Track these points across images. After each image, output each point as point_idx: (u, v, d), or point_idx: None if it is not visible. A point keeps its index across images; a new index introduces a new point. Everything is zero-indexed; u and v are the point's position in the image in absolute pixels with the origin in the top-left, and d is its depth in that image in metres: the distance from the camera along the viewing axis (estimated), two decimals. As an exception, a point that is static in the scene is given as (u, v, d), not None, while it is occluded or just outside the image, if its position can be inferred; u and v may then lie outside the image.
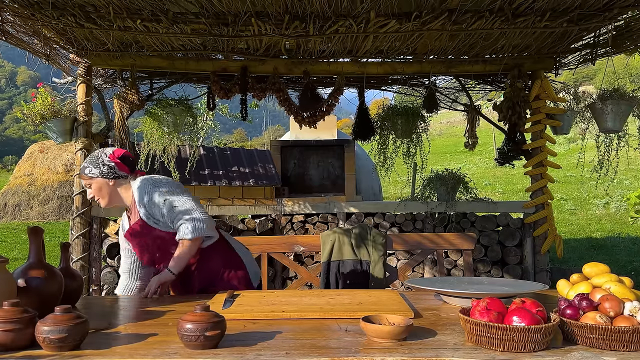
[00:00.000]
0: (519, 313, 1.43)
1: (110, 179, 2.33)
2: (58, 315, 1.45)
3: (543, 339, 1.40)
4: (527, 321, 1.40)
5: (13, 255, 8.57)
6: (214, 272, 2.42)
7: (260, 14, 3.48)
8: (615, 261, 7.60)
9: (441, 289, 1.98)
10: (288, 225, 5.13)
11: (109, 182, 2.34)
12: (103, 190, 2.35)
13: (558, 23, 3.55)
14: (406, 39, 3.90)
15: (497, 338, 1.41)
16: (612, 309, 1.46)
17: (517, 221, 4.97)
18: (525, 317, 1.41)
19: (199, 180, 6.35)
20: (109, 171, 2.33)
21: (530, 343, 1.39)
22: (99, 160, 2.34)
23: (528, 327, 1.38)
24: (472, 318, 1.47)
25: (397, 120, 4.61)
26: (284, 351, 1.42)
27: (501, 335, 1.40)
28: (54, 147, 13.89)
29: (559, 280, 1.85)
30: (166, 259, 2.35)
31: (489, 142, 20.93)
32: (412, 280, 2.17)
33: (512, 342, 1.39)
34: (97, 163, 2.33)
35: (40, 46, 3.81)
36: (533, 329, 1.38)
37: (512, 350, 1.40)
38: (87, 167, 2.34)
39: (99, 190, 2.35)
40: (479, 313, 1.48)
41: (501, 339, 1.40)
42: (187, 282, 2.42)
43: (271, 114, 37.44)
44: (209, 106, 4.74)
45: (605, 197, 12.56)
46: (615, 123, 4.32)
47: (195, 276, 2.42)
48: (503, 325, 1.40)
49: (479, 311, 1.48)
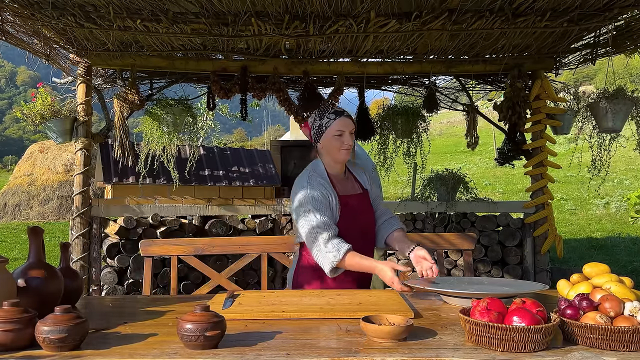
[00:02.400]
0: (519, 313, 1.43)
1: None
2: (58, 315, 1.44)
3: (543, 339, 1.40)
4: (527, 321, 1.40)
5: (13, 255, 8.58)
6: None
7: (260, 13, 3.48)
8: (615, 261, 7.60)
9: (441, 289, 1.98)
10: (288, 225, 5.13)
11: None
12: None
13: (558, 23, 3.55)
14: (406, 38, 3.90)
15: (497, 338, 1.40)
16: (612, 309, 1.46)
17: (517, 221, 4.97)
18: (525, 317, 1.41)
19: (199, 180, 6.36)
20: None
21: (530, 343, 1.39)
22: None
23: (528, 327, 1.38)
24: (472, 318, 1.47)
25: (397, 120, 4.61)
26: (284, 351, 1.42)
27: (501, 335, 1.40)
28: (54, 147, 13.90)
29: (559, 280, 1.85)
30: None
31: (489, 142, 20.93)
32: (412, 281, 2.17)
33: (512, 342, 1.39)
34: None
35: (40, 46, 3.81)
36: (533, 329, 1.38)
37: (512, 350, 1.40)
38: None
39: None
40: (479, 313, 1.47)
41: (501, 339, 1.40)
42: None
43: (271, 114, 37.46)
44: (209, 106, 4.74)
45: (606, 197, 12.56)
46: (616, 123, 4.32)
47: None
48: (503, 326, 1.40)
49: (479, 311, 1.48)
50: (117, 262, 4.63)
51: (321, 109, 2.38)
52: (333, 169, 2.40)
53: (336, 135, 2.31)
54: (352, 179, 2.49)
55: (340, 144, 2.31)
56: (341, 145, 2.31)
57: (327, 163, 2.40)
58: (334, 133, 2.31)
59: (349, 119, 2.35)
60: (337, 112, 2.34)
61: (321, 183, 2.32)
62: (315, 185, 2.30)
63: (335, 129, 2.30)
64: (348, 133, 2.32)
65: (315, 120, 2.36)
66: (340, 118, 2.32)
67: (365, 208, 2.44)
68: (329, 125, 2.32)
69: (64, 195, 13.07)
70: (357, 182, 2.49)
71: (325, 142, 2.34)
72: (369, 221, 2.45)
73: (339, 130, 2.30)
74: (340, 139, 2.31)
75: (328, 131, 2.32)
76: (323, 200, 2.27)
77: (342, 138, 2.31)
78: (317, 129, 2.35)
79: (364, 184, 2.51)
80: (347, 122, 2.33)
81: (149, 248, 2.70)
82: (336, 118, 2.32)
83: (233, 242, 2.88)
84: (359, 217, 2.39)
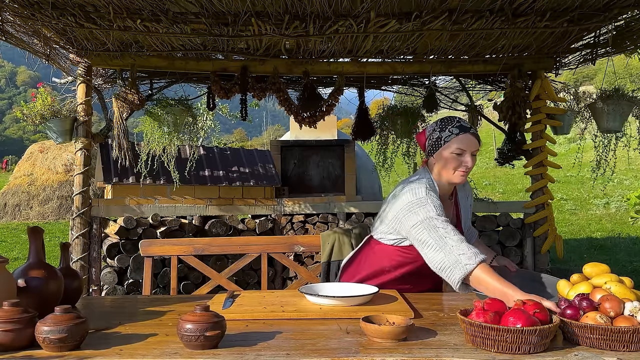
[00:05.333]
0: (515, 314, 1.42)
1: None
2: (58, 315, 1.44)
3: (539, 341, 1.39)
4: (523, 322, 1.39)
5: (13, 255, 8.58)
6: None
7: (260, 14, 3.48)
8: (615, 261, 7.59)
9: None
10: (288, 226, 5.13)
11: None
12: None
13: (558, 23, 3.55)
14: (406, 39, 3.90)
15: (490, 339, 1.40)
16: (612, 309, 1.46)
17: (517, 221, 4.97)
18: (520, 318, 1.40)
19: (199, 180, 6.35)
20: None
21: (524, 345, 1.38)
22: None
23: (522, 328, 1.37)
24: (469, 318, 1.47)
25: (397, 120, 4.61)
26: (284, 351, 1.42)
27: (494, 336, 1.39)
28: (54, 147, 13.89)
29: (559, 281, 1.85)
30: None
31: (489, 142, 20.93)
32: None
33: (505, 343, 1.38)
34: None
35: (40, 46, 3.80)
36: (527, 330, 1.37)
37: (507, 351, 1.39)
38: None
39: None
40: (475, 314, 1.47)
41: (494, 340, 1.39)
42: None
43: (271, 114, 37.45)
44: (209, 106, 4.74)
45: (605, 197, 12.55)
46: (616, 123, 4.31)
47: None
48: (495, 326, 1.39)
49: (476, 312, 1.48)
50: (117, 262, 4.62)
51: (443, 121, 2.09)
52: (441, 188, 2.11)
53: (455, 153, 2.02)
54: (453, 202, 2.21)
55: (457, 165, 2.03)
56: (458, 165, 2.03)
57: (436, 180, 2.11)
58: (454, 150, 2.02)
59: (474, 138, 2.04)
60: (462, 128, 2.03)
61: (435, 197, 2.01)
62: (433, 198, 1.99)
63: (456, 146, 2.01)
64: (469, 154, 2.02)
65: (435, 131, 2.08)
66: (465, 135, 2.02)
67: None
68: (448, 140, 2.02)
69: (64, 195, 13.06)
70: (456, 207, 2.20)
71: (440, 158, 2.06)
72: None
73: (459, 149, 2.01)
74: (459, 159, 2.02)
75: (446, 146, 2.03)
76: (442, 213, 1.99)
77: (461, 158, 2.02)
78: (434, 140, 2.07)
79: (461, 210, 2.22)
80: (471, 141, 2.02)
81: (149, 248, 2.70)
82: (459, 134, 2.02)
83: (233, 242, 2.88)
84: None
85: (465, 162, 2.00)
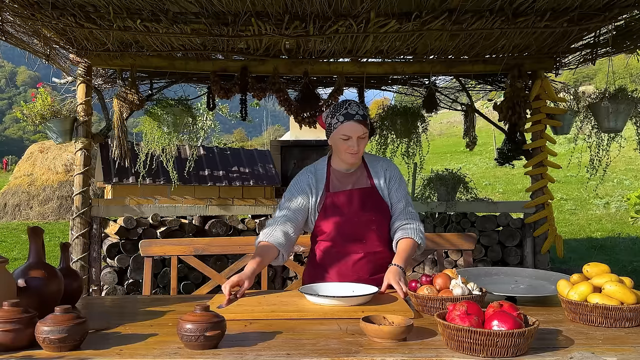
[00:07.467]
0: (499, 317, 1.40)
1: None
2: (58, 315, 1.44)
3: (525, 343, 1.38)
4: (509, 325, 1.37)
5: (13, 255, 8.58)
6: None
7: (260, 14, 3.48)
8: (615, 261, 7.60)
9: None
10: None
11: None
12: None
13: (558, 23, 3.55)
14: (406, 39, 3.90)
15: (479, 344, 1.36)
16: (439, 285, 1.85)
17: (517, 221, 4.97)
18: (506, 321, 1.38)
19: (199, 180, 6.36)
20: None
21: (512, 348, 1.36)
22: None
23: (511, 331, 1.35)
24: (453, 323, 1.42)
25: (397, 120, 4.61)
26: (284, 351, 1.42)
27: (484, 341, 1.36)
28: (54, 147, 13.90)
29: (559, 281, 1.85)
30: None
31: (489, 142, 20.92)
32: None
33: (495, 348, 1.36)
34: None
35: (40, 46, 3.81)
36: (517, 333, 1.35)
37: (495, 355, 1.36)
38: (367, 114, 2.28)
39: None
40: (459, 318, 1.42)
41: (484, 345, 1.36)
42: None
43: (271, 114, 37.45)
44: (209, 106, 4.75)
45: (605, 197, 12.56)
46: (616, 123, 4.32)
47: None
48: (487, 331, 1.36)
49: (458, 316, 1.43)
50: (117, 262, 4.62)
51: (334, 107, 2.28)
52: (340, 164, 2.35)
53: (342, 138, 2.22)
54: (363, 173, 2.37)
55: (346, 148, 2.23)
56: (347, 149, 2.23)
57: (336, 158, 2.37)
58: (341, 136, 2.22)
59: (358, 124, 2.21)
60: (347, 115, 2.21)
61: (309, 176, 2.35)
62: (302, 177, 2.37)
63: (342, 132, 2.21)
64: (356, 138, 2.21)
65: (327, 117, 2.29)
66: (349, 122, 2.20)
67: (364, 203, 2.30)
68: (336, 127, 2.23)
69: (64, 196, 13.07)
70: (369, 176, 2.37)
71: (333, 142, 2.29)
72: (365, 218, 2.29)
73: (345, 135, 2.21)
74: (347, 143, 2.22)
75: (335, 132, 2.24)
76: (295, 194, 2.32)
77: (348, 142, 2.22)
78: (327, 126, 2.30)
79: (374, 176, 2.37)
80: (355, 128, 2.20)
81: (149, 248, 2.70)
82: (344, 121, 2.21)
83: (233, 242, 2.88)
84: (349, 212, 2.28)
85: (352, 146, 2.22)
